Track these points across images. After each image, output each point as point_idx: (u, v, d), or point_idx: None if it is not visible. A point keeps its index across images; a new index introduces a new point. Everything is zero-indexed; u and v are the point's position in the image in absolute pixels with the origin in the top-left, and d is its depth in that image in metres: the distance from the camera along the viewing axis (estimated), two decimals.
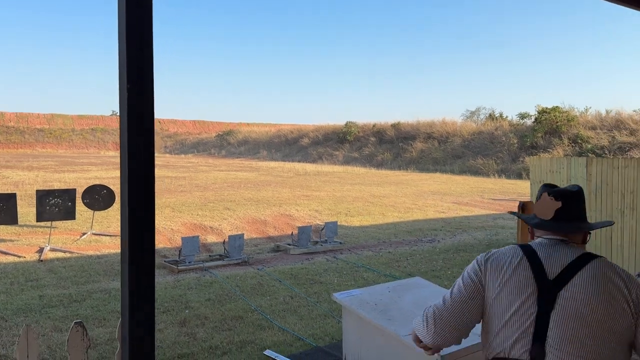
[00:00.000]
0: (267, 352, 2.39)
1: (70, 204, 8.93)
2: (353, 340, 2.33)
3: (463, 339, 1.72)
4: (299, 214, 13.40)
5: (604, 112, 31.11)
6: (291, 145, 50.66)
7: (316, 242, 9.75)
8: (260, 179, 23.97)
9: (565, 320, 1.52)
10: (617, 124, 27.68)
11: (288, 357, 2.46)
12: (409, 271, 7.90)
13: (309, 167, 35.64)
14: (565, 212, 1.69)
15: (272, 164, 39.15)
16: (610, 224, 1.87)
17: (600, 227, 1.83)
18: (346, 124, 47.16)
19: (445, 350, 1.91)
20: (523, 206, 3.29)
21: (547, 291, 1.56)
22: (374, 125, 45.54)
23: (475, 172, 30.06)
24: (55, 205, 8.71)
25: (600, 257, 1.63)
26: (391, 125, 43.85)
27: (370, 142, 42.95)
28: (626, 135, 26.25)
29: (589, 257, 1.61)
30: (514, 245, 1.72)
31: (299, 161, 43.19)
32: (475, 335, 2.03)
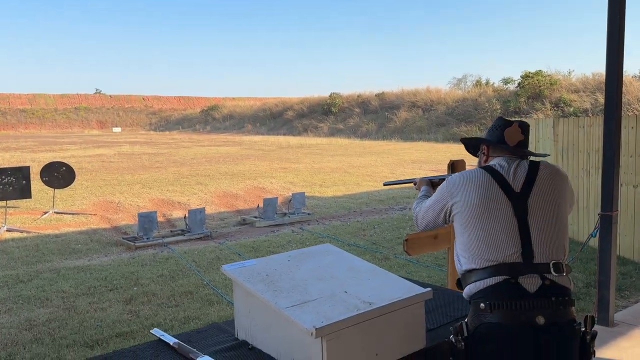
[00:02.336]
0: (154, 331, 2.14)
1: (25, 182, 8.60)
2: (243, 314, 2.11)
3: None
4: (273, 187, 13.16)
5: (590, 75, 30.82)
6: (276, 119, 50.13)
7: (284, 214, 9.53)
8: (241, 153, 23.65)
9: (540, 220, 1.87)
10: (600, 86, 27.43)
11: (178, 335, 2.22)
12: (375, 240, 7.72)
13: (293, 140, 35.29)
14: (524, 143, 2.05)
15: (256, 138, 38.75)
16: (546, 155, 2.31)
17: (542, 157, 2.24)
18: (330, 96, 46.65)
19: (320, 324, 1.69)
20: (453, 164, 3.06)
21: (518, 202, 1.88)
22: (358, 96, 45.07)
23: (459, 139, 29.91)
24: (9, 184, 8.38)
25: (542, 161, 2.03)
26: (375, 95, 43.42)
27: (355, 113, 42.54)
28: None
29: (536, 164, 1.98)
30: (478, 169, 2.00)
31: (284, 134, 42.80)
32: (347, 310, 1.82)
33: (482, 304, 1.81)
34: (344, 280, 2.10)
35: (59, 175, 9.61)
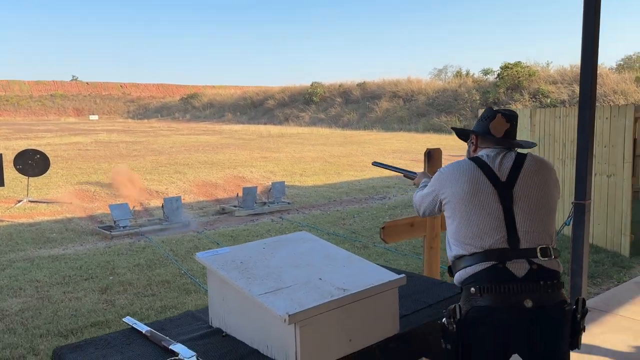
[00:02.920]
0: (126, 319, 2.12)
1: None
2: (217, 302, 2.09)
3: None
4: (253, 176, 13.09)
5: (568, 67, 31.19)
6: (257, 108, 49.77)
7: (264, 203, 9.50)
8: (221, 142, 23.45)
9: (525, 210, 1.94)
10: (578, 77, 27.82)
11: (151, 324, 2.20)
12: (354, 229, 7.75)
13: (274, 129, 35.11)
14: (511, 132, 2.11)
15: (237, 127, 38.44)
16: (534, 144, 2.35)
17: (529, 147, 2.26)
18: (312, 85, 46.43)
19: (293, 310, 1.68)
20: (429, 153, 3.07)
21: (504, 191, 1.96)
22: (340, 85, 44.96)
23: (439, 129, 30.07)
24: None
25: (528, 153, 2.10)
26: (357, 85, 43.35)
27: (337, 102, 42.44)
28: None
29: (522, 156, 2.05)
30: (466, 160, 2.09)
31: (264, 124, 42.54)
32: (321, 296, 1.82)
33: (472, 289, 1.88)
34: (319, 267, 2.10)
35: (33, 163, 9.42)
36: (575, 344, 1.96)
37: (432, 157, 3.00)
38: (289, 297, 1.81)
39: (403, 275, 2.01)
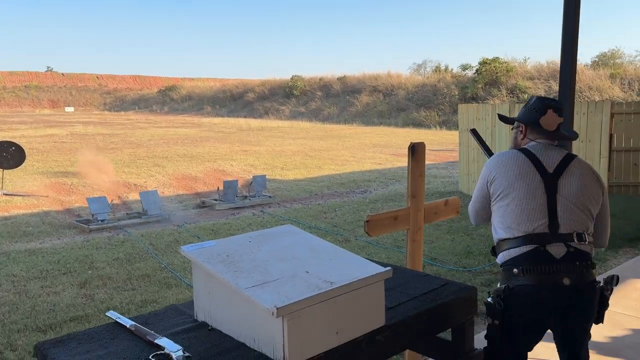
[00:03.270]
0: (109, 314, 2.09)
1: None
2: (203, 296, 2.07)
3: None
4: (233, 169, 13.01)
5: (544, 63, 31.65)
6: (237, 101, 49.42)
7: (245, 197, 9.45)
8: (200, 135, 23.23)
9: (566, 200, 2.13)
10: (554, 73, 28.29)
11: (135, 318, 2.17)
12: (336, 222, 7.76)
13: (254, 122, 34.91)
14: (561, 124, 2.24)
15: (216, 119, 38.12)
16: (576, 135, 2.50)
17: (574, 137, 2.42)
18: (292, 78, 46.27)
19: (281, 303, 1.68)
20: (413, 147, 3.08)
21: (550, 181, 2.15)
22: (320, 79, 44.89)
23: (418, 124, 30.28)
24: None
25: (577, 155, 2.28)
26: (337, 79, 43.34)
27: (317, 96, 42.39)
28: None
29: (572, 156, 2.25)
30: (514, 150, 2.26)
31: (244, 117, 42.25)
32: (308, 289, 1.82)
33: (515, 269, 2.12)
34: (306, 260, 2.10)
35: (7, 155, 9.20)
36: (601, 319, 2.21)
37: (416, 151, 3.01)
38: (276, 291, 1.81)
39: (389, 268, 2.03)
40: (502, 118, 2.58)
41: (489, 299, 2.17)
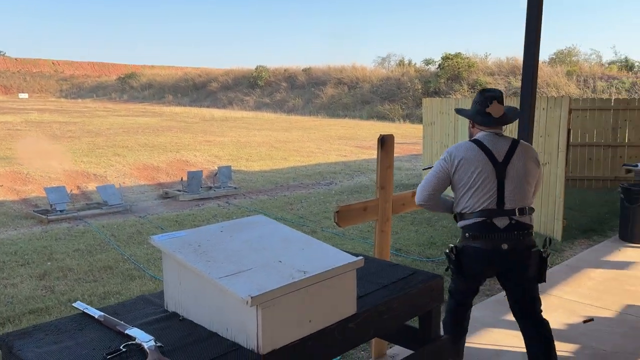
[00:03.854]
0: (77, 304, 2.04)
1: None
2: (174, 286, 2.05)
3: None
4: (197, 160, 12.83)
5: (504, 59, 32.35)
6: (199, 90, 48.61)
7: (209, 188, 9.35)
8: (162, 125, 22.77)
9: (512, 182, 2.66)
10: (514, 69, 29.03)
11: (103, 308, 2.14)
12: (302, 214, 7.78)
13: (217, 112, 34.45)
14: (505, 110, 2.76)
15: (178, 109, 37.41)
16: (519, 112, 3.10)
17: (517, 116, 2.91)
18: (257, 68, 45.79)
19: (255, 292, 1.68)
20: (383, 139, 3.12)
21: (500, 168, 2.65)
22: (285, 70, 44.61)
23: (382, 117, 30.55)
24: None
25: (520, 140, 2.80)
26: (303, 70, 43.17)
27: (282, 87, 42.13)
28: (521, 80, 27.58)
29: (516, 143, 2.74)
30: (468, 141, 2.75)
31: (207, 107, 41.61)
32: (282, 279, 1.84)
33: (467, 234, 2.73)
34: (278, 250, 2.11)
35: None
36: (543, 278, 2.75)
37: (385, 143, 3.05)
38: (250, 280, 1.81)
39: (361, 257, 2.06)
40: (459, 112, 3.04)
41: (447, 251, 2.81)
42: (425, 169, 3.82)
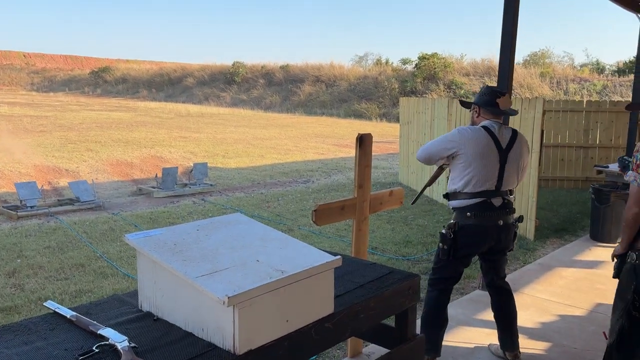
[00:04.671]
0: (47, 304, 1.99)
1: None
2: (148, 286, 2.01)
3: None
4: (172, 156, 12.67)
5: (479, 60, 32.79)
6: (175, 85, 47.98)
7: (185, 185, 9.24)
8: (136, 120, 22.41)
9: (511, 167, 3.00)
10: (489, 70, 29.46)
11: (75, 308, 2.09)
12: (278, 212, 7.75)
13: (193, 108, 34.06)
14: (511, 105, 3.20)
15: (153, 104, 36.88)
16: (516, 112, 3.24)
17: (514, 114, 3.19)
18: (234, 64, 45.40)
19: (232, 292, 1.67)
20: (361, 138, 3.12)
21: (503, 154, 2.97)
22: (262, 67, 44.35)
23: (360, 115, 30.66)
24: None
25: (518, 130, 3.13)
26: (280, 67, 42.99)
27: (259, 84, 41.86)
28: (496, 81, 27.98)
29: (516, 133, 3.08)
30: (478, 127, 3.01)
31: (183, 102, 41.09)
32: (259, 278, 1.82)
33: (468, 213, 2.98)
34: (256, 249, 2.09)
35: None
36: (512, 248, 3.21)
37: (363, 142, 3.06)
38: (227, 280, 1.79)
39: (339, 257, 2.05)
40: (462, 103, 3.42)
41: (443, 231, 3.03)
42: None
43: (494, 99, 3.04)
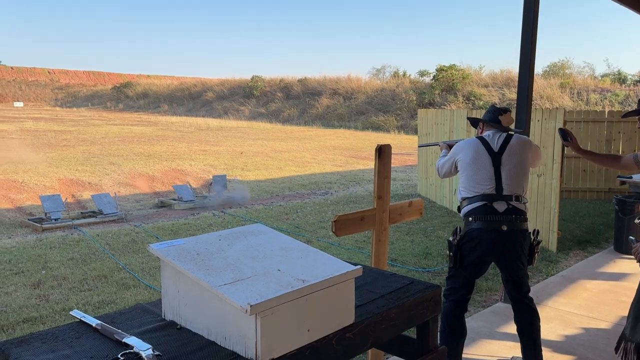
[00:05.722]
0: (74, 313, 2.03)
1: None
2: (172, 295, 2.04)
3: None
4: (192, 169, 12.81)
5: (498, 72, 32.62)
6: (195, 100, 48.66)
7: (205, 197, 9.33)
8: (157, 134, 22.75)
9: (507, 169, 3.02)
10: (507, 81, 29.27)
11: (100, 317, 2.12)
12: (297, 223, 7.77)
13: (213, 122, 34.45)
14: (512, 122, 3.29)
15: (173, 118, 37.40)
16: (522, 130, 3.69)
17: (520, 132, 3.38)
18: (252, 78, 45.92)
19: (254, 301, 1.68)
20: (380, 149, 3.13)
21: (495, 157, 3.03)
22: (280, 80, 44.75)
23: (377, 128, 30.66)
24: None
25: (516, 134, 3.18)
26: (298, 81, 43.32)
27: (277, 97, 42.22)
28: (515, 92, 27.84)
29: (510, 135, 3.13)
30: (474, 137, 3.16)
31: (203, 116, 41.61)
32: (281, 287, 1.83)
33: (470, 218, 3.01)
34: (277, 259, 2.11)
35: None
36: (532, 262, 3.11)
37: (382, 152, 3.06)
38: (249, 288, 1.81)
39: (360, 266, 2.06)
40: (471, 120, 3.45)
41: (450, 238, 3.05)
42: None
43: (496, 116, 3.17)
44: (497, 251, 3.00)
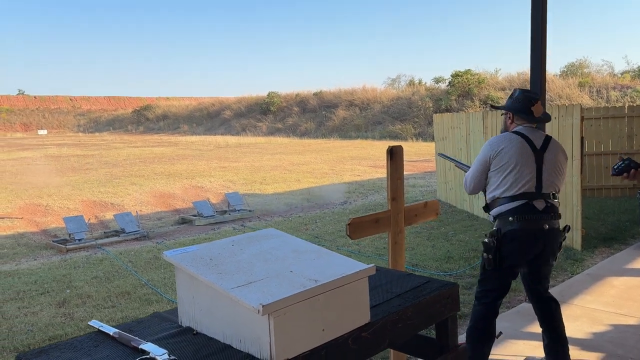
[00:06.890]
0: (92, 323, 2.06)
1: None
2: (187, 301, 2.05)
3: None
4: (212, 185, 12.93)
5: (515, 74, 32.30)
6: (213, 119, 49.24)
7: (224, 212, 9.40)
8: (177, 153, 23.05)
9: (548, 168, 2.92)
10: (525, 84, 28.94)
11: (118, 326, 2.14)
12: (317, 233, 7.76)
13: (231, 139, 34.79)
14: (543, 112, 3.07)
15: (193, 138, 37.90)
16: (550, 117, 3.16)
17: (548, 119, 3.13)
18: (269, 95, 46.33)
19: (266, 301, 1.68)
20: (392, 150, 3.13)
21: (538, 155, 2.91)
22: (297, 95, 45.06)
23: (395, 136, 30.59)
24: None
25: (551, 136, 3.04)
26: (314, 94, 43.56)
27: (294, 112, 42.49)
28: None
29: (549, 137, 3.02)
30: (510, 133, 2.98)
31: (221, 134, 42.06)
32: (293, 288, 1.84)
33: (510, 218, 2.86)
34: (289, 261, 2.11)
35: None
36: (556, 258, 3.05)
37: (394, 154, 3.06)
38: (261, 290, 1.81)
39: (373, 265, 2.05)
40: (493, 107, 3.36)
41: (486, 240, 2.90)
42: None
43: (529, 107, 2.96)
44: (538, 250, 2.91)
